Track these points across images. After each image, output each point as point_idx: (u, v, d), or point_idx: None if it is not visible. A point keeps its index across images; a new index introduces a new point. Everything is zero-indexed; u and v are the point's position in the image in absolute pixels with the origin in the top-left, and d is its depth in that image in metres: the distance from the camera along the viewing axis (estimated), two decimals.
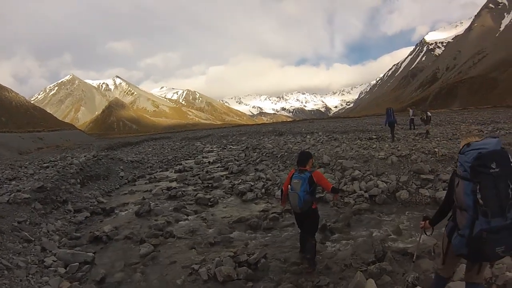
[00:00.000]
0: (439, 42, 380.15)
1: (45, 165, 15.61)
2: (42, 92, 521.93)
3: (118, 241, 6.73)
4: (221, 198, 9.83)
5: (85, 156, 16.18)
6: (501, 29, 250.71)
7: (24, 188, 8.96)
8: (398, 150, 11.02)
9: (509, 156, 2.44)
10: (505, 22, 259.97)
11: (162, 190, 11.34)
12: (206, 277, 4.81)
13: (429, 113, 17.36)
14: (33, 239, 6.42)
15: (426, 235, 3.31)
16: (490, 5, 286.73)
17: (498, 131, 16.22)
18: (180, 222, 7.75)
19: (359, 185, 8.79)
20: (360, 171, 9.52)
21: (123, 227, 7.68)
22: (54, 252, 5.98)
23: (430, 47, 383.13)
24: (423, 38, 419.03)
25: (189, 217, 8.14)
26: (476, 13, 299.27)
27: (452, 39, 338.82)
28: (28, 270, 5.13)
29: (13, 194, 8.16)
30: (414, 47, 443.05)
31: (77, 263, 5.56)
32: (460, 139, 12.87)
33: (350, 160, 10.54)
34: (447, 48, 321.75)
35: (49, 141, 47.17)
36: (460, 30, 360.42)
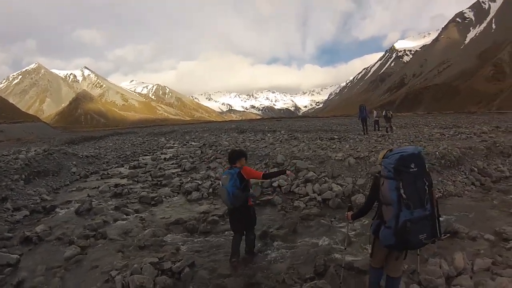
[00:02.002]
0: (408, 50, 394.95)
1: (4, 161, 14.61)
2: (4, 81, 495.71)
3: (49, 242, 6.42)
4: (167, 197, 9.54)
5: (35, 151, 15.36)
6: (466, 41, 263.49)
7: None
8: (357, 151, 10.73)
9: (424, 159, 3.01)
10: (470, 35, 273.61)
11: (109, 187, 10.98)
12: (120, 286, 4.48)
13: (390, 113, 20.57)
14: None
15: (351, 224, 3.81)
16: (457, 19, 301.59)
17: (459, 134, 16.51)
18: (117, 222, 7.45)
19: (312, 187, 8.42)
20: (315, 172, 9.20)
21: (58, 227, 7.33)
22: None
23: (399, 54, 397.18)
24: (393, 45, 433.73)
25: (128, 217, 7.85)
26: (443, 26, 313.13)
27: (420, 48, 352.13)
28: None
29: None
30: (384, 53, 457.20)
31: None
32: (421, 142, 13.21)
33: (305, 160, 10.19)
34: (414, 56, 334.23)
35: (10, 134, 44.86)
36: (428, 40, 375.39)
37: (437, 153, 9.80)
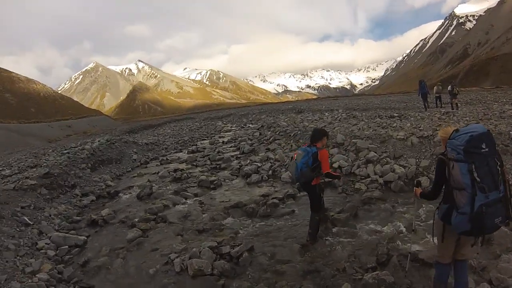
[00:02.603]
0: (470, 16, 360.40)
1: (65, 151, 15.84)
2: (68, 82, 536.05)
3: (113, 225, 6.77)
4: (226, 180, 9.54)
5: (98, 141, 16.26)
6: None
7: (32, 175, 9.19)
8: (420, 130, 9.84)
9: (494, 138, 2.76)
10: None
11: (168, 172, 11.19)
12: (178, 269, 4.53)
13: (456, 88, 18.54)
14: (31, 223, 6.58)
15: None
16: None
17: None
18: (177, 206, 7.56)
19: (373, 168, 7.96)
20: (376, 152, 8.67)
21: (121, 210, 7.68)
22: (49, 235, 6.12)
23: (461, 20, 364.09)
24: (453, 11, 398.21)
25: (188, 201, 7.94)
26: None
27: (484, 12, 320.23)
28: (17, 252, 5.26)
29: (20, 181, 8.45)
30: (443, 20, 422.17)
31: (67, 246, 5.72)
32: (491, 120, 11.96)
33: (365, 140, 9.66)
34: (478, 22, 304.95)
35: (77, 128, 48.62)
36: (492, 2, 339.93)
37: (511, 132, 8.78)
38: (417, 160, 8.07)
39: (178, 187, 9.12)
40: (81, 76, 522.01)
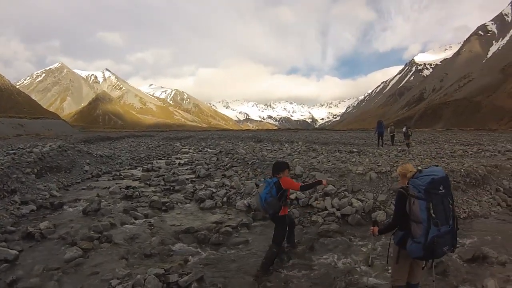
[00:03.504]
0: (428, 64, 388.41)
1: (11, 151, 14.70)
2: (28, 78, 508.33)
3: (51, 240, 6.24)
4: (179, 203, 9.17)
5: (50, 146, 15.34)
6: (489, 55, 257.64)
7: None
8: (378, 165, 10.13)
9: (450, 181, 3.23)
10: (493, 49, 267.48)
11: (120, 188, 10.75)
12: None
13: (410, 130, 21.01)
14: None
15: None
16: (480, 32, 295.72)
17: (483, 152, 15.91)
18: (125, 226, 7.13)
19: (331, 201, 7.92)
20: (334, 186, 8.67)
21: (63, 225, 7.14)
22: None
23: (419, 67, 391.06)
24: (413, 59, 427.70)
25: (137, 221, 7.52)
26: (465, 39, 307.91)
27: (441, 61, 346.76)
28: None
29: None
30: (403, 66, 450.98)
31: None
32: (443, 159, 12.60)
33: (324, 173, 9.65)
34: (435, 70, 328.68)
35: (30, 129, 45.85)
36: (449, 53, 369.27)
37: (462, 170, 9.26)
38: (375, 194, 8.20)
39: (129, 205, 8.67)
40: (43, 75, 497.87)
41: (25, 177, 10.31)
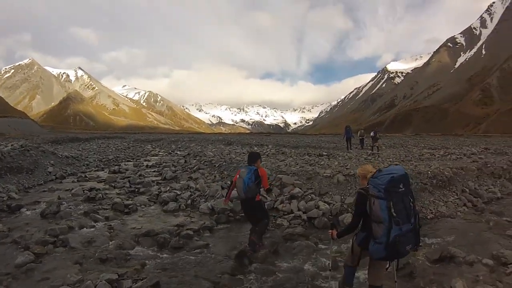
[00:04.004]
0: (400, 72, 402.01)
1: None
2: None
3: (4, 244, 5.94)
4: (142, 206, 8.96)
5: (11, 145, 14.60)
6: (456, 66, 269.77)
7: None
8: (347, 168, 10.06)
9: (409, 179, 3.26)
10: (460, 60, 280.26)
11: (83, 190, 10.42)
12: None
13: (378, 134, 22.13)
14: None
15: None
16: (449, 44, 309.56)
17: (449, 155, 16.37)
18: (83, 229, 6.90)
19: (297, 204, 7.81)
20: (301, 189, 8.55)
21: (18, 228, 6.85)
22: None
23: (391, 75, 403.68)
24: (385, 67, 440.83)
25: (97, 224, 7.29)
26: (435, 50, 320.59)
27: (412, 70, 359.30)
28: None
29: None
30: (376, 73, 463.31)
31: None
32: (412, 161, 12.91)
33: (291, 176, 9.46)
34: (406, 78, 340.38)
35: None
36: (420, 63, 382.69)
37: (429, 172, 9.48)
38: (342, 197, 8.16)
39: (90, 208, 8.43)
40: (12, 70, 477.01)
41: None
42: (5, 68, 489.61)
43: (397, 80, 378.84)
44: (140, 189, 11.01)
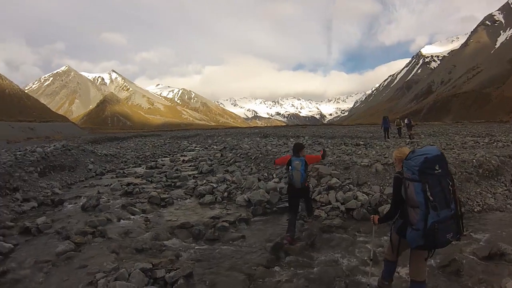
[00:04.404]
0: (435, 56, 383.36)
1: (18, 153, 14.76)
2: (36, 82, 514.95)
3: (47, 235, 6.26)
4: (178, 199, 9.06)
5: (54, 146, 15.33)
6: (497, 46, 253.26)
7: None
8: (385, 157, 9.76)
9: (446, 160, 3.00)
10: (500, 39, 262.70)
11: (121, 185, 10.71)
12: None
13: (412, 121, 22.24)
14: None
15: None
16: (487, 22, 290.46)
17: (495, 143, 15.40)
18: (121, 221, 7.10)
19: (335, 195, 7.54)
20: (338, 179, 8.27)
21: (60, 220, 7.20)
22: None
23: (426, 60, 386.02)
24: (420, 51, 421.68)
25: (134, 216, 7.45)
26: (472, 29, 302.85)
27: (448, 53, 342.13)
28: None
29: None
30: (410, 59, 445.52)
31: None
32: (454, 149, 12.23)
33: (328, 166, 9.20)
34: (442, 62, 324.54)
35: (40, 132, 46.29)
36: (456, 45, 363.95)
37: (474, 161, 8.82)
38: (381, 187, 7.79)
39: (127, 201, 8.64)
40: (51, 78, 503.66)
41: (28, 175, 10.40)
42: (45, 77, 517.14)
43: (433, 64, 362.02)
44: (176, 183, 11.12)
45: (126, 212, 7.64)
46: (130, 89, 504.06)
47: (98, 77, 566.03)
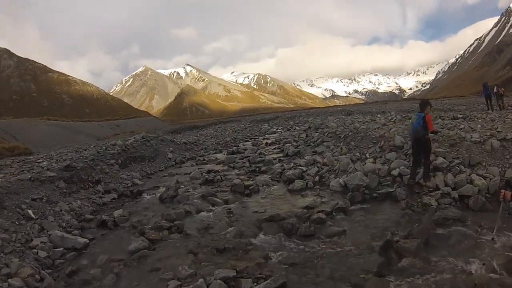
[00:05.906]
0: None
1: (103, 147, 15.65)
2: (119, 84, 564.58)
3: (123, 228, 6.05)
4: (264, 186, 8.22)
5: (134, 138, 15.83)
6: None
7: (53, 167, 8.96)
8: (498, 131, 7.80)
9: None
10: None
11: (201, 173, 10.19)
12: None
13: (501, 89, 18.92)
14: (35, 217, 6.06)
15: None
16: None
17: None
18: (200, 214, 6.50)
19: (443, 178, 6.21)
20: (445, 158, 6.80)
21: (137, 213, 6.93)
22: (50, 233, 5.56)
23: None
24: (509, 6, 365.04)
25: (215, 208, 6.78)
26: None
27: None
28: (4, 248, 4.66)
29: (38, 172, 8.12)
30: (499, 17, 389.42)
31: (62, 249, 5.13)
32: None
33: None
34: None
35: (125, 128, 50.30)
36: None
37: None
38: (501, 169, 6.23)
39: (208, 190, 8.04)
40: (131, 79, 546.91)
41: (108, 168, 10.54)
42: (125, 79, 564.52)
43: None
44: (261, 168, 10.37)
45: (207, 202, 7.10)
46: (206, 79, 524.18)
47: (174, 72, 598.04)
